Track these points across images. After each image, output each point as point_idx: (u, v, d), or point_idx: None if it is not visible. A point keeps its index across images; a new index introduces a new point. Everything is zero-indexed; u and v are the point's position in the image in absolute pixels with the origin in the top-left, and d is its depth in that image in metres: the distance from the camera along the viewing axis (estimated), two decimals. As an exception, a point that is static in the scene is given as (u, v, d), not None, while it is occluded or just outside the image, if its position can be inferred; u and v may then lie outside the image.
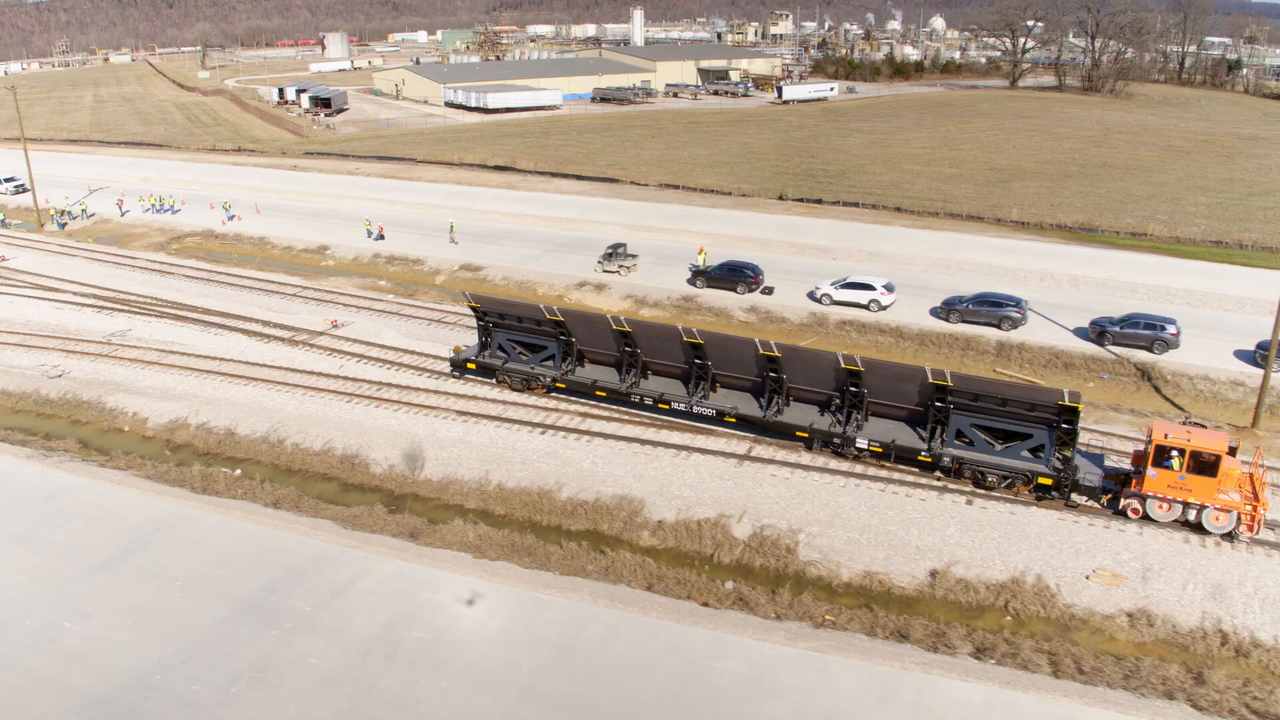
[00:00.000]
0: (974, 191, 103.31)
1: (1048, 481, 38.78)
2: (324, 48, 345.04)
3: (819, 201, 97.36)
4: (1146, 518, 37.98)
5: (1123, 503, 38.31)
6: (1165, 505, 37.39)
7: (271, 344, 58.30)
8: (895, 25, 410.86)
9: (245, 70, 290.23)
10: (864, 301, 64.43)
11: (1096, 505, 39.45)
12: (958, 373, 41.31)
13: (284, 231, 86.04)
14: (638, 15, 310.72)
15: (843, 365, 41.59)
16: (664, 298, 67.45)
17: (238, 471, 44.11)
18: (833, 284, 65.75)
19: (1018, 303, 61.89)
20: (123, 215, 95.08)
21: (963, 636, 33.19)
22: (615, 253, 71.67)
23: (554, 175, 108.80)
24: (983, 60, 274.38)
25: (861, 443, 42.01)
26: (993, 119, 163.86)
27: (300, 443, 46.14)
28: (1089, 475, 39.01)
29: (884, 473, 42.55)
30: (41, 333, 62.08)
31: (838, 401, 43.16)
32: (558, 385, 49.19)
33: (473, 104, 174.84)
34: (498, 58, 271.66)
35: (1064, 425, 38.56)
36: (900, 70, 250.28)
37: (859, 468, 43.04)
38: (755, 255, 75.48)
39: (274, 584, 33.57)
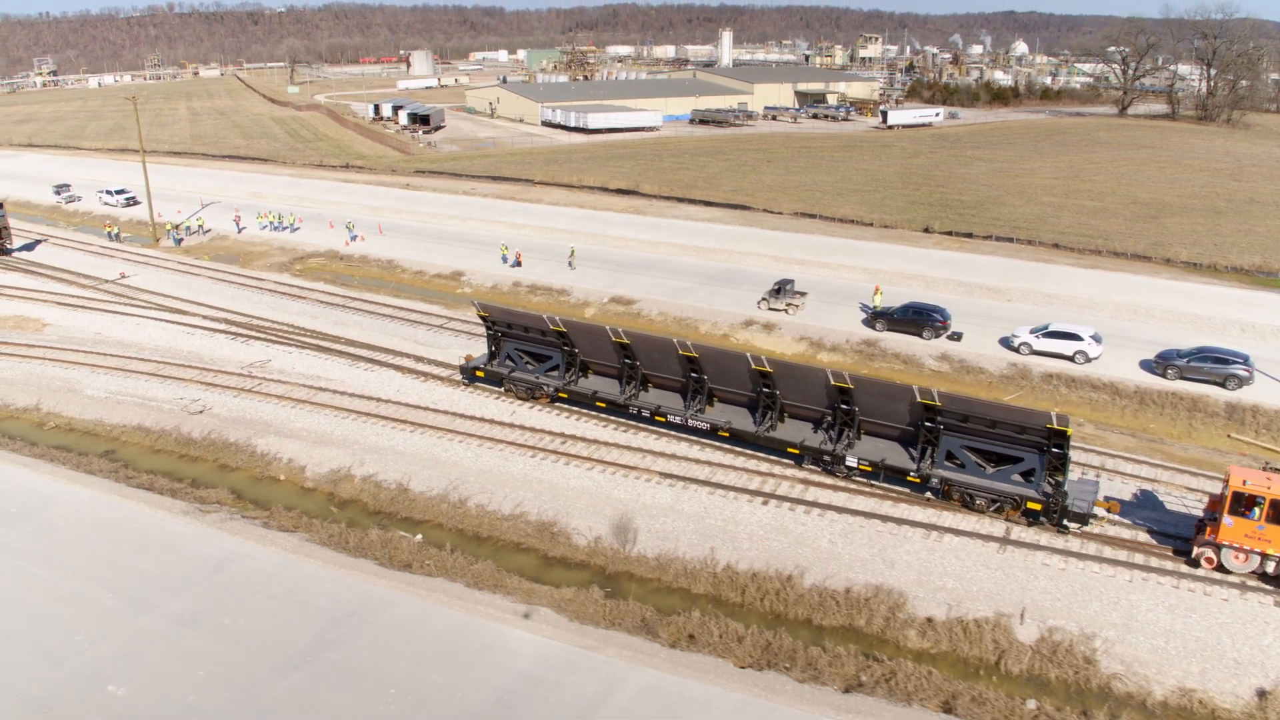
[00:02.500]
0: (1126, 228, 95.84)
1: (1037, 506, 37.87)
2: (409, 65, 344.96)
3: (969, 235, 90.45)
4: (1221, 567, 35.64)
5: (1195, 551, 35.99)
6: (1242, 555, 35.28)
7: (429, 383, 52.98)
8: (978, 49, 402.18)
9: (332, 86, 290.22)
10: (1069, 353, 57.64)
11: (1085, 532, 38.08)
12: (946, 392, 39.69)
13: (412, 255, 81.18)
14: (726, 37, 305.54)
15: (832, 382, 40.99)
16: (842, 341, 61.15)
17: (418, 536, 38.54)
18: (1032, 332, 59.11)
19: (1245, 360, 54.69)
20: (240, 232, 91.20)
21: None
22: (782, 289, 65.56)
23: (680, 200, 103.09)
24: (1077, 85, 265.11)
25: (851, 461, 41.19)
26: (1114, 148, 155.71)
27: (485, 504, 40.48)
28: (1078, 501, 37.57)
29: (1170, 565, 36.08)
30: (174, 360, 57.54)
31: (829, 419, 42.31)
32: (560, 395, 49.29)
33: (572, 124, 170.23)
34: (585, 78, 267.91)
35: (1054, 449, 37.40)
36: (999, 96, 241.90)
37: (1139, 557, 36.67)
38: (922, 294, 69.25)
39: (507, 696, 27.71)
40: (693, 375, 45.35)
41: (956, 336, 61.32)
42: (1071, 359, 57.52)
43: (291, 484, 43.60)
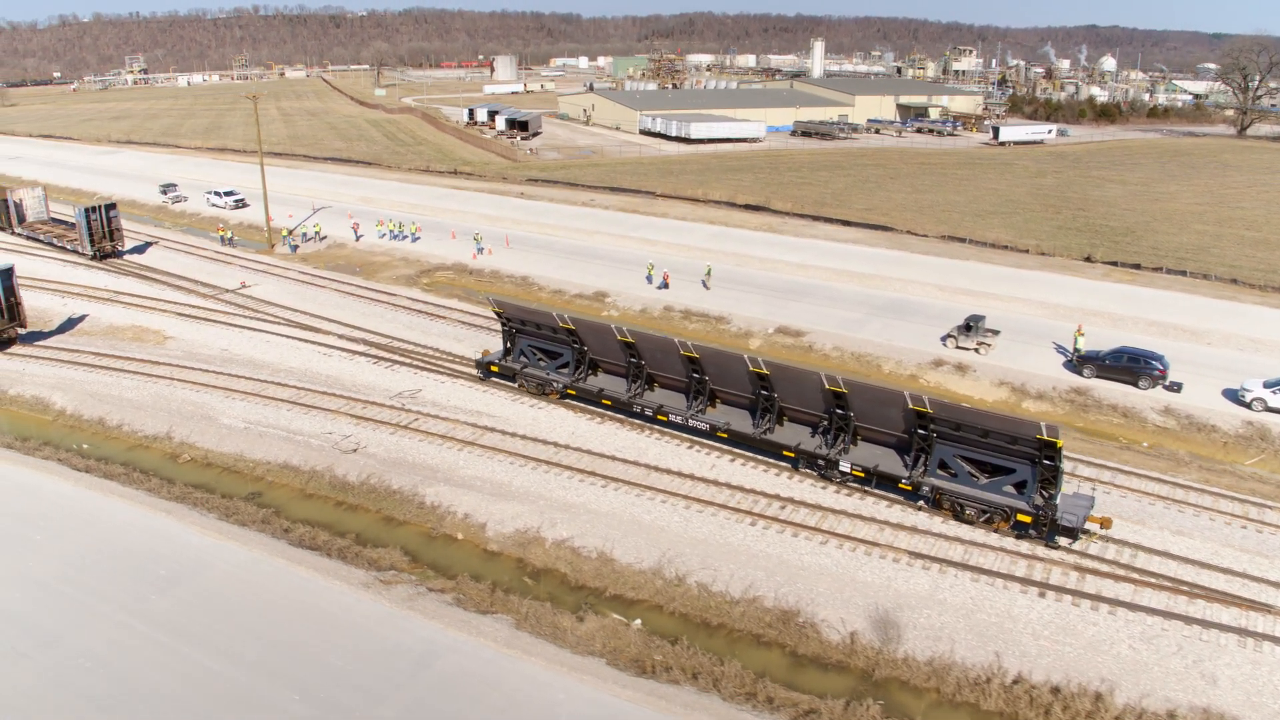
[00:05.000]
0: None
1: (1027, 519, 36.87)
2: (492, 70, 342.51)
3: (1137, 267, 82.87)
4: None
5: None
6: None
7: (607, 425, 47.21)
8: (1065, 63, 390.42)
9: (417, 89, 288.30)
10: (1311, 411, 50.57)
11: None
12: (938, 399, 39.10)
13: (546, 271, 75.70)
14: (818, 47, 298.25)
15: (826, 386, 40.47)
16: (1048, 388, 54.40)
17: (637, 622, 32.65)
18: (1267, 385, 52.12)
19: None
20: (358, 240, 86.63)
21: None
22: (974, 326, 58.95)
23: (814, 219, 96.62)
24: (1180, 103, 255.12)
25: (845, 466, 40.64)
26: (1247, 173, 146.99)
27: (708, 583, 34.47)
28: (1068, 515, 36.23)
29: None
30: (314, 386, 52.48)
31: (826, 423, 41.79)
32: (569, 392, 49.59)
33: (673, 133, 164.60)
34: (675, 85, 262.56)
35: (1046, 461, 36.37)
36: (1104, 113, 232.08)
37: None
38: (1110, 333, 62.36)
39: None
40: (694, 376, 44.95)
41: (1176, 387, 54.34)
42: (1315, 418, 50.52)
43: (471, 545, 37.98)
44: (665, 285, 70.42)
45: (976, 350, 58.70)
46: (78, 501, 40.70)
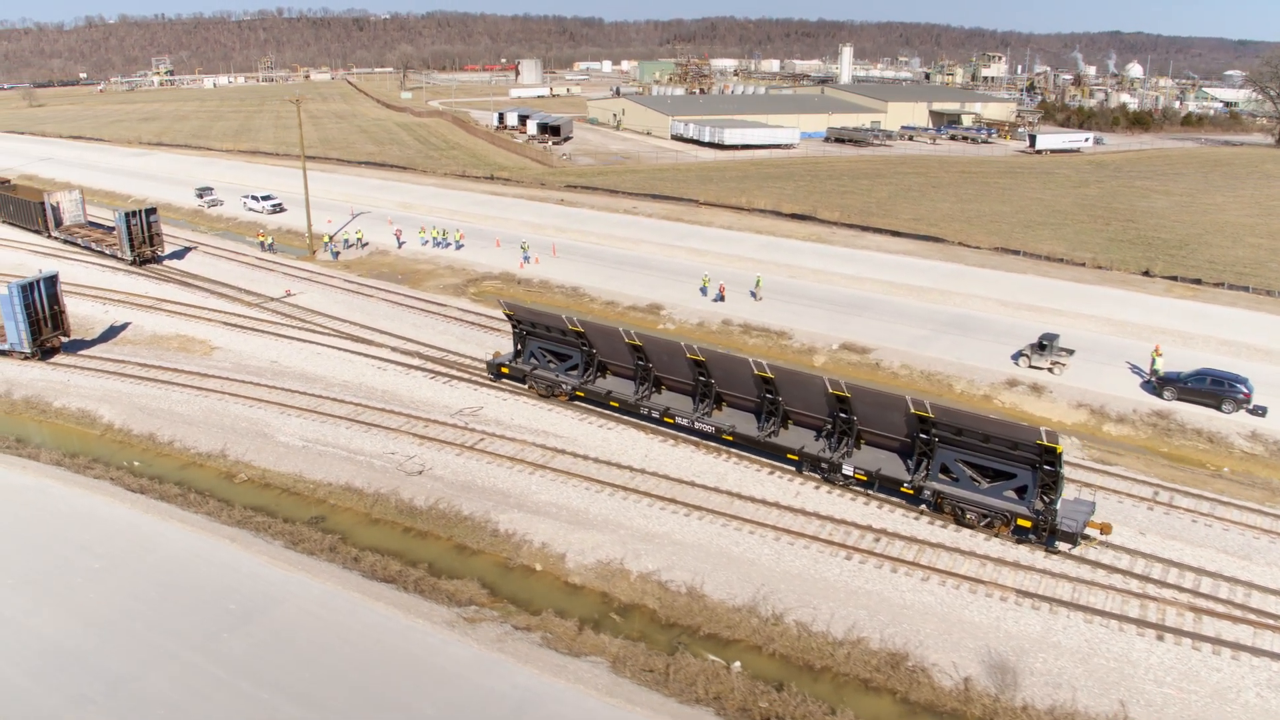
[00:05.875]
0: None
1: (1027, 524, 36.83)
2: (518, 73, 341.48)
3: (1198, 282, 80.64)
4: None
5: None
6: None
7: (681, 447, 45.39)
8: (1092, 69, 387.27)
9: (443, 92, 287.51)
10: None
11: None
12: (939, 404, 39.32)
13: (595, 281, 73.96)
14: (846, 52, 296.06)
15: (830, 390, 40.54)
16: (1129, 411, 52.30)
17: (737, 665, 30.84)
18: (1357, 411, 49.97)
19: None
20: (400, 247, 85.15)
21: None
22: (1048, 345, 56.89)
23: (863, 229, 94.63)
24: (1211, 111, 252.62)
25: (848, 469, 40.63)
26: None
27: (807, 622, 32.60)
28: (1068, 520, 36.16)
29: None
30: (371, 402, 50.90)
31: (829, 427, 41.77)
32: (577, 394, 49.94)
33: (706, 139, 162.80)
34: (702, 91, 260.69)
35: (1046, 466, 36.18)
36: (1139, 121, 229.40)
37: None
38: (1180, 353, 60.02)
39: None
40: (701, 379, 45.08)
41: (1260, 411, 52.20)
42: None
43: (551, 577, 36.23)
44: (721, 297, 68.61)
45: (1050, 370, 56.67)
46: (135, 526, 39.09)
